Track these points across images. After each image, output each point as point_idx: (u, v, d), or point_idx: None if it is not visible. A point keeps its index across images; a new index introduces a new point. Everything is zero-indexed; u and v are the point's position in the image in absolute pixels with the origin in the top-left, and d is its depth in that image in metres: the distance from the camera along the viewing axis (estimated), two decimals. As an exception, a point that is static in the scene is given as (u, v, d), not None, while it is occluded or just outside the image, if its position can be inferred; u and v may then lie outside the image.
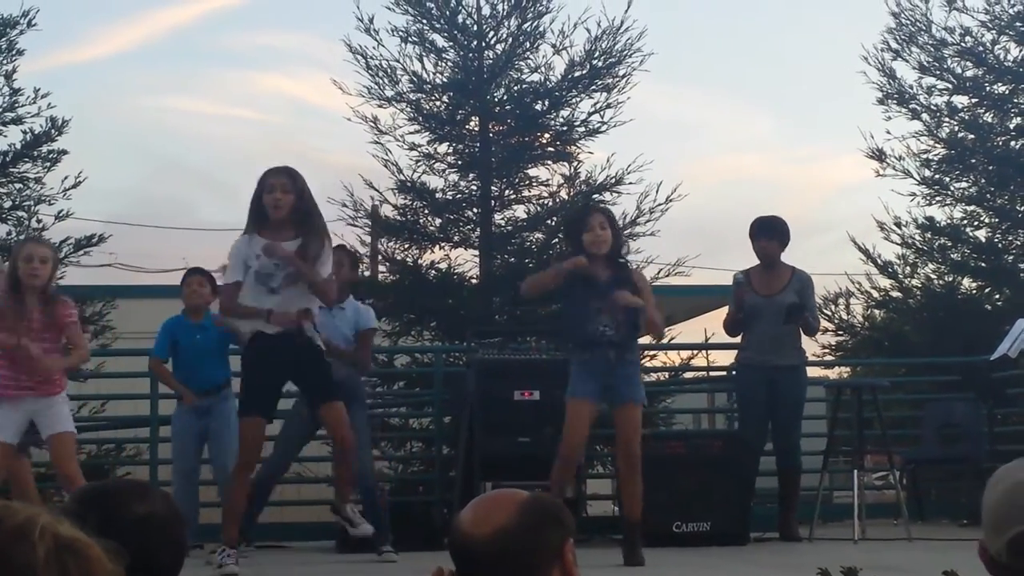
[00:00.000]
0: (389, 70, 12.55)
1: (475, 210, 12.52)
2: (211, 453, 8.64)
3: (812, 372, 10.13)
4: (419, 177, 12.50)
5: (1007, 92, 13.86)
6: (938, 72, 13.87)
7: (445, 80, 12.66)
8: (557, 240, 12.55)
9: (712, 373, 12.35)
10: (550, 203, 12.58)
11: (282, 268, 6.67)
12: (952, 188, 13.89)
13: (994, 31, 13.86)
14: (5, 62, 12.62)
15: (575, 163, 12.62)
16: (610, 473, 11.17)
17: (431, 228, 12.39)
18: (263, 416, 6.82)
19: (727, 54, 43.76)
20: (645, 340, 7.75)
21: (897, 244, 13.76)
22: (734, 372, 9.41)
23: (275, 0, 39.42)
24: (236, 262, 6.75)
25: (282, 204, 6.68)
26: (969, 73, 13.91)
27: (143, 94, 40.26)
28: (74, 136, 14.18)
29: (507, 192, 12.63)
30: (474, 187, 12.57)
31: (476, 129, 12.63)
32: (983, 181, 13.89)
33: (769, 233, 8.84)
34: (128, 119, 38.13)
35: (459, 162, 12.62)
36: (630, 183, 12.37)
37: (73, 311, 7.08)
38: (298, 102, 40.74)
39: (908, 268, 13.82)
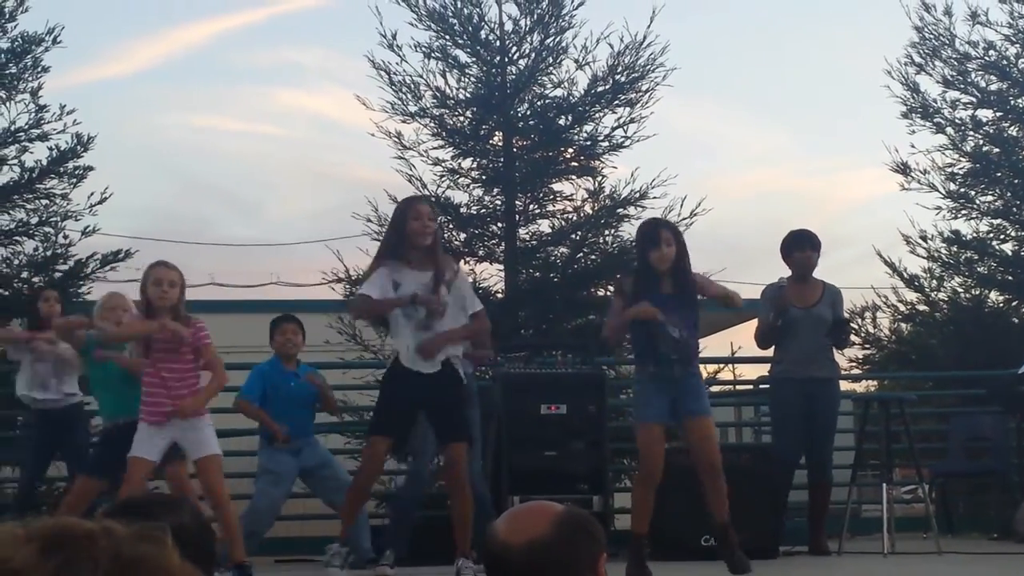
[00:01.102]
0: (412, 86, 12.59)
1: (499, 224, 12.52)
2: (317, 490, 8.72)
3: (840, 385, 10.09)
4: (443, 192, 12.54)
5: (1032, 106, 13.83)
6: (962, 86, 13.85)
7: (468, 95, 12.69)
8: (582, 255, 12.56)
9: (739, 387, 12.31)
10: (574, 217, 12.59)
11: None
12: (977, 201, 13.86)
13: (1018, 45, 13.84)
14: (31, 79, 12.70)
15: (599, 178, 12.64)
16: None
17: (456, 243, 12.39)
18: (391, 438, 6.91)
19: (749, 68, 43.74)
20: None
21: (923, 257, 13.74)
22: (768, 385, 9.35)
23: (295, 17, 39.52)
24: (377, 282, 6.83)
25: (431, 231, 6.82)
26: (993, 87, 13.89)
27: (166, 111, 40.41)
28: (99, 152, 14.22)
29: (531, 207, 12.64)
30: (498, 202, 12.58)
31: (500, 144, 12.64)
32: (1008, 194, 13.86)
33: (812, 244, 8.83)
34: (151, 136, 38.27)
35: (483, 177, 12.64)
36: (654, 197, 12.38)
37: (206, 332, 7.09)
38: (320, 118, 40.86)
39: (934, 282, 13.78)
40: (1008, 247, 13.87)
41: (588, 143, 12.68)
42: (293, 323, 8.63)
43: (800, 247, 8.80)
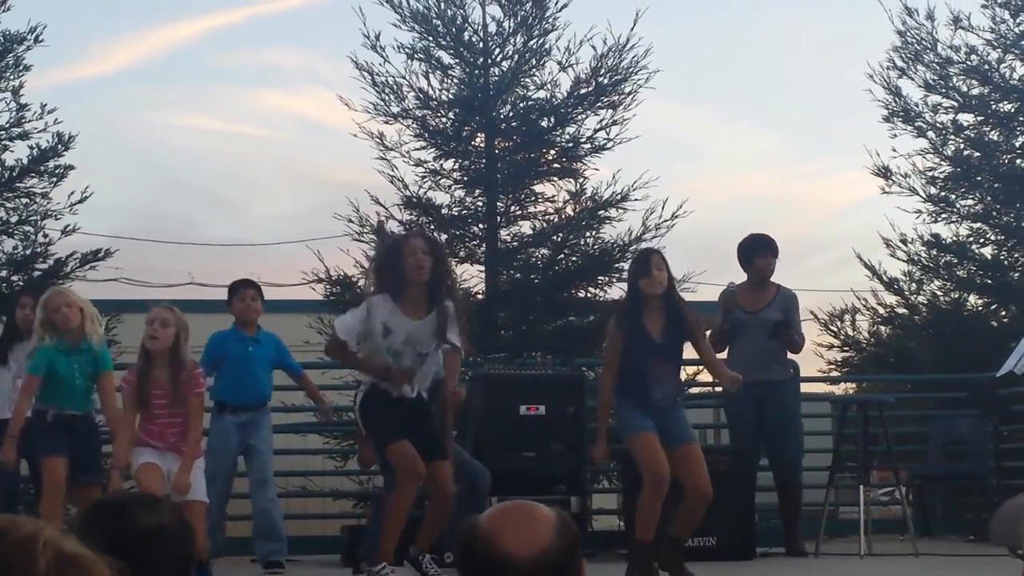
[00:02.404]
0: (395, 87, 12.60)
1: (481, 226, 12.54)
2: (250, 468, 8.55)
3: (818, 388, 10.15)
4: (425, 193, 12.54)
5: (1013, 110, 13.87)
6: (944, 90, 13.89)
7: (451, 97, 12.70)
8: (563, 256, 12.57)
9: (718, 388, 12.32)
10: (556, 219, 12.61)
11: (411, 349, 6.68)
12: (958, 205, 13.89)
13: (999, 50, 13.88)
14: (12, 77, 12.65)
15: (581, 179, 12.67)
16: (615, 488, 11.16)
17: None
18: (407, 438, 6.64)
19: (731, 72, 43.80)
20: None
21: (903, 261, 13.77)
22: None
23: (276, 18, 39.43)
24: (359, 327, 6.70)
25: (425, 266, 6.60)
26: (975, 91, 13.93)
27: (147, 110, 40.25)
28: (80, 151, 14.19)
29: (513, 208, 12.65)
30: (480, 203, 12.60)
31: (482, 145, 12.66)
32: (989, 199, 13.89)
33: (773, 251, 8.87)
34: (133, 135, 38.14)
35: (465, 178, 12.65)
36: (636, 200, 12.42)
37: (201, 385, 6.93)
38: (301, 119, 40.76)
39: (914, 285, 13.81)
40: (988, 251, 13.91)
41: (570, 145, 12.70)
42: (252, 288, 8.55)
43: (762, 253, 8.85)
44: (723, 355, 8.98)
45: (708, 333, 8.88)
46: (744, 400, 8.71)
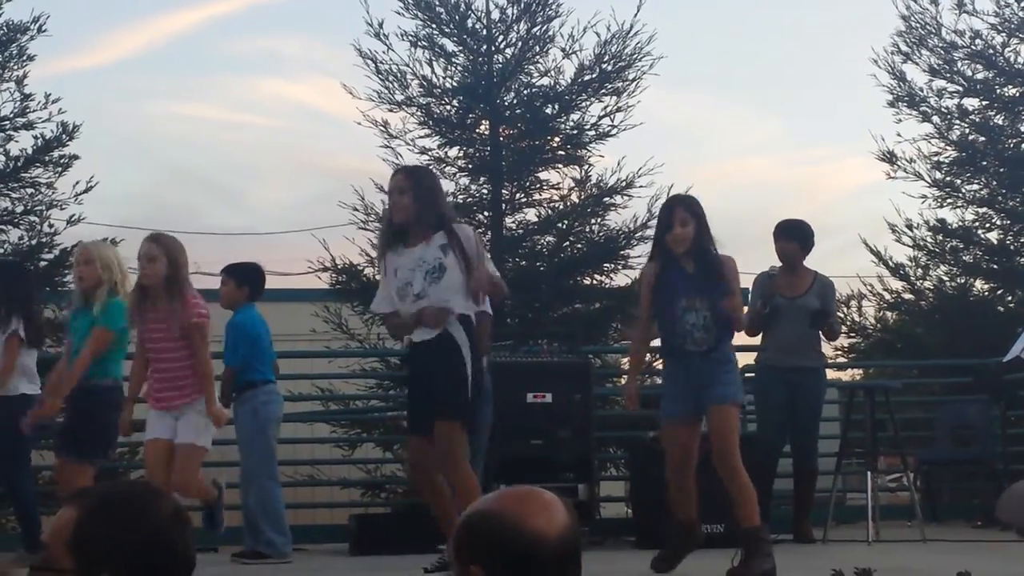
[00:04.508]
0: (399, 74, 12.57)
1: (486, 214, 12.52)
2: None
3: (827, 375, 10.11)
4: (430, 181, 12.48)
5: (1018, 94, 13.85)
6: (948, 75, 13.86)
7: (455, 84, 12.68)
8: (568, 243, 12.57)
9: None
10: (561, 207, 12.59)
11: (420, 272, 6.14)
12: (963, 190, 13.87)
13: (1004, 34, 13.85)
14: (16, 67, 12.66)
15: (585, 166, 12.64)
16: (623, 475, 11.16)
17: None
18: (416, 412, 6.28)
19: (736, 57, 43.77)
20: (658, 342, 7.57)
21: (909, 246, 13.76)
22: (750, 374, 9.38)
23: (277, 5, 39.44)
24: (383, 285, 6.30)
25: (401, 206, 6.17)
26: (979, 76, 13.90)
27: (150, 99, 40.30)
28: (84, 141, 14.18)
29: (518, 196, 12.64)
30: (485, 191, 12.59)
31: (486, 133, 12.64)
32: (994, 183, 13.88)
33: (788, 235, 8.82)
34: (135, 125, 38.15)
35: (469, 166, 12.64)
36: (641, 186, 12.39)
37: (198, 312, 6.82)
38: (305, 107, 40.76)
39: (920, 270, 13.81)
40: (993, 236, 13.90)
41: (575, 132, 12.68)
42: (223, 273, 8.28)
43: (778, 238, 8.83)
44: (758, 339, 8.95)
45: (745, 312, 8.81)
46: (777, 386, 8.71)
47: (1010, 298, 13.79)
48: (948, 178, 13.84)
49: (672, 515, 6.90)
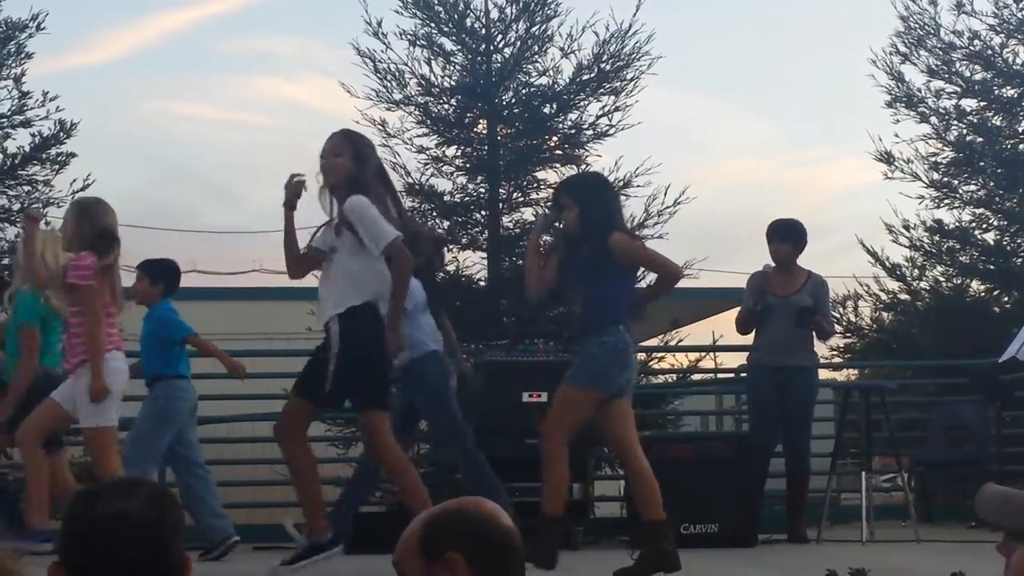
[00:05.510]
0: (397, 73, 12.59)
1: (483, 213, 12.54)
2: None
3: (820, 374, 10.13)
4: (427, 180, 12.54)
5: (1016, 95, 13.88)
6: (947, 75, 13.89)
7: (453, 83, 12.69)
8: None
9: (720, 375, 12.34)
10: (558, 206, 12.58)
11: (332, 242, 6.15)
12: (960, 191, 13.90)
13: (1003, 35, 13.88)
14: (14, 65, 12.68)
15: (583, 166, 12.64)
16: (617, 475, 11.17)
17: (439, 231, 12.40)
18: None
19: (734, 58, 43.78)
20: (653, 342, 7.59)
21: (905, 247, 13.79)
22: (744, 373, 9.39)
23: (273, 5, 39.49)
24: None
25: (328, 167, 6.20)
26: (978, 76, 13.92)
27: (148, 98, 40.39)
28: (82, 139, 14.21)
29: (515, 195, 12.66)
30: (482, 190, 12.60)
31: (484, 132, 12.65)
32: (991, 184, 13.90)
33: (782, 235, 8.84)
34: (132, 123, 38.24)
35: (467, 165, 12.65)
36: (638, 186, 12.41)
37: (80, 269, 6.80)
38: (302, 106, 40.86)
39: (916, 271, 13.84)
40: (990, 236, 13.93)
41: (573, 131, 12.70)
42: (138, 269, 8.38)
43: (776, 237, 8.84)
44: (747, 339, 8.97)
45: (735, 317, 8.88)
46: (768, 385, 8.72)
47: (1006, 299, 13.82)
48: (945, 179, 13.88)
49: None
